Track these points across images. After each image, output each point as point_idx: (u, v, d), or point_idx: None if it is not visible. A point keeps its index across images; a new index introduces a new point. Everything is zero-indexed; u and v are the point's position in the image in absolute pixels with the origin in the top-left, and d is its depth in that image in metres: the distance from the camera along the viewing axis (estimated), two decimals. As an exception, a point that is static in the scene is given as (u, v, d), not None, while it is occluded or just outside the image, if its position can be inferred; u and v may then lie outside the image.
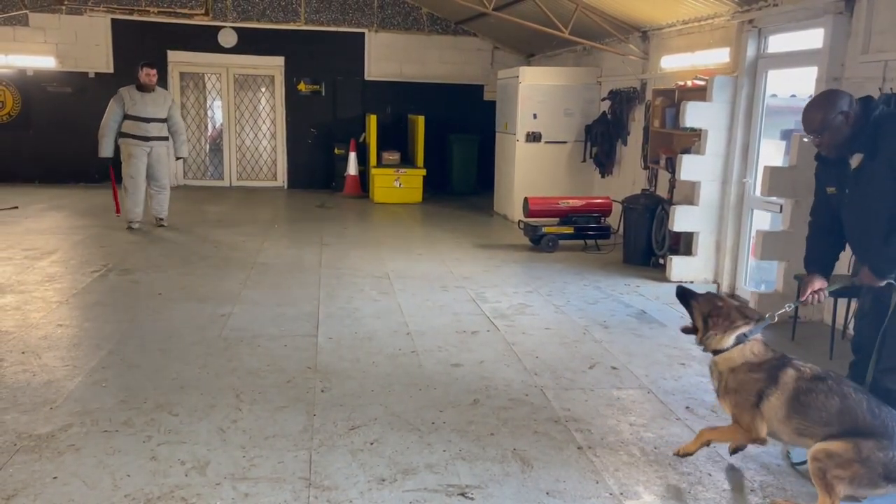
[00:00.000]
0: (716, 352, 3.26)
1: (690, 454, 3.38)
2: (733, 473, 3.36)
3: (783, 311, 3.48)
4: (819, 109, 3.34)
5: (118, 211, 9.14)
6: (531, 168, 10.06)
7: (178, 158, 9.32)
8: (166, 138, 8.86)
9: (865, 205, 3.37)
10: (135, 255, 7.43)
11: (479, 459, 3.39)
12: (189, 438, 3.49)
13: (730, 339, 3.21)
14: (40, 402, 3.83)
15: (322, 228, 9.39)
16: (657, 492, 3.18)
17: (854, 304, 5.03)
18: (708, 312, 3.28)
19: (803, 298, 3.55)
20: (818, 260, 3.61)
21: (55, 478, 3.11)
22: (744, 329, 3.22)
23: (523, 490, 3.14)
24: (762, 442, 3.20)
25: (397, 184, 11.93)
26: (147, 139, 8.64)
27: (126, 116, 8.55)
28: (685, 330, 3.42)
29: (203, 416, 3.75)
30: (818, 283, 3.53)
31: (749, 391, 3.12)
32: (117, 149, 8.62)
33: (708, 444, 3.37)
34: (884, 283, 3.31)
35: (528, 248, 8.44)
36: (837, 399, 2.96)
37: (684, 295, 3.41)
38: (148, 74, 8.63)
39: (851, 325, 5.10)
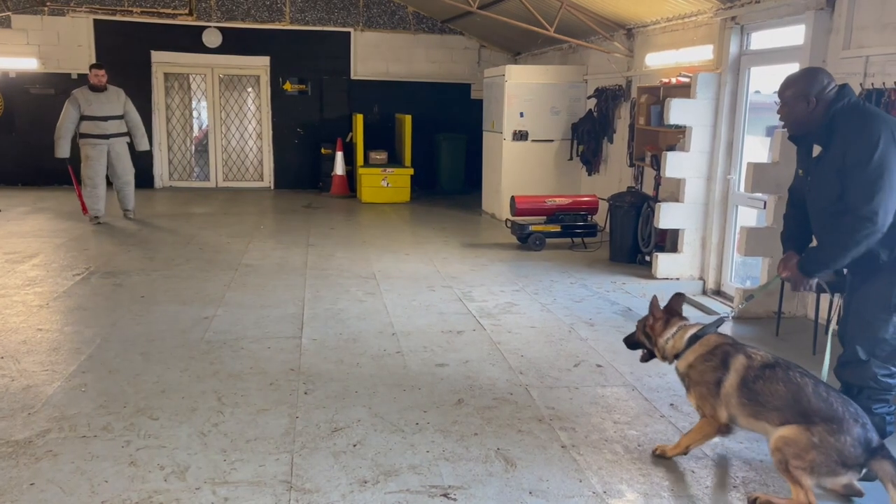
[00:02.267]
0: (676, 356, 3.37)
1: (667, 458, 3.39)
2: (716, 470, 3.36)
3: (740, 307, 3.61)
4: (791, 83, 3.37)
5: (85, 211, 9.27)
6: (518, 167, 10.05)
7: (140, 151, 9.61)
8: (125, 134, 9.25)
9: (817, 196, 3.39)
10: (118, 258, 7.37)
11: (463, 460, 3.37)
12: (169, 443, 3.45)
13: (682, 342, 3.33)
14: (18, 408, 3.78)
15: (308, 229, 9.35)
16: (640, 489, 3.17)
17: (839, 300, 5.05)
18: (643, 328, 3.47)
19: (783, 274, 3.58)
20: (792, 238, 3.62)
21: (32, 484, 3.07)
22: (693, 330, 3.34)
23: (506, 490, 3.13)
24: (726, 428, 3.24)
25: (385, 183, 11.90)
26: (107, 137, 9.05)
27: (83, 117, 8.93)
28: (643, 359, 3.60)
29: (184, 419, 3.71)
30: (794, 260, 3.55)
31: (708, 380, 3.22)
32: (76, 149, 9.04)
33: (686, 451, 3.38)
34: (813, 281, 3.34)
35: (515, 247, 8.43)
36: (783, 385, 3.02)
37: (629, 339, 3.64)
38: (97, 76, 9.01)
39: (836, 320, 5.12)
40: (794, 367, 3.10)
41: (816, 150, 3.38)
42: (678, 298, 3.50)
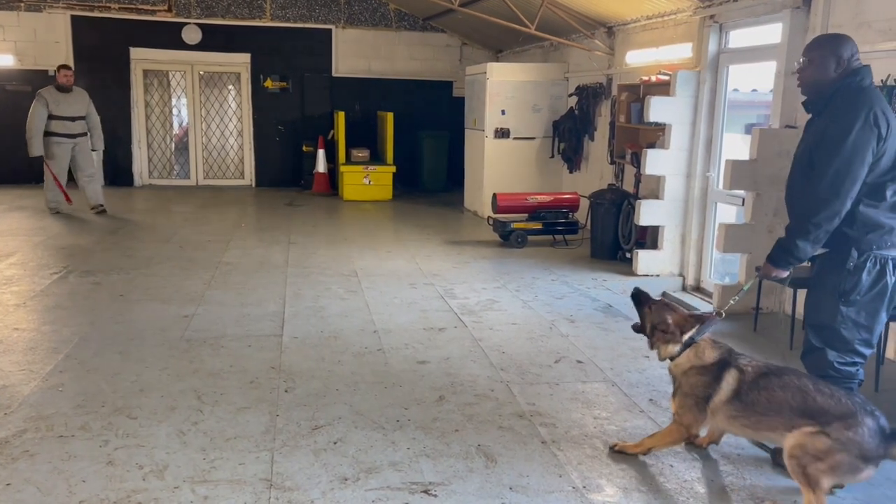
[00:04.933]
0: (669, 359, 3.33)
1: (626, 454, 3.40)
2: (694, 464, 3.39)
3: (729, 304, 3.49)
4: (823, 44, 3.32)
5: (69, 200, 9.60)
6: (500, 164, 10.07)
7: (93, 150, 9.93)
8: (87, 133, 9.62)
9: (797, 169, 3.39)
10: (96, 257, 7.29)
11: (444, 456, 3.38)
12: (147, 442, 3.42)
13: (676, 347, 3.27)
14: (-6, 408, 3.74)
15: (290, 227, 9.30)
16: (619, 484, 3.19)
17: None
18: (654, 324, 3.35)
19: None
20: None
21: (8, 485, 3.03)
22: (690, 333, 3.26)
23: (487, 485, 3.14)
24: (693, 438, 3.32)
25: (367, 181, 11.86)
26: (73, 136, 9.44)
27: (51, 116, 9.23)
28: (635, 328, 3.50)
29: (163, 418, 3.68)
30: None
31: (697, 395, 3.18)
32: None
33: (647, 452, 3.38)
34: (784, 274, 3.28)
35: (497, 244, 8.45)
36: (782, 391, 2.97)
37: (639, 298, 3.48)
38: (65, 76, 9.34)
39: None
40: (788, 372, 3.05)
41: None
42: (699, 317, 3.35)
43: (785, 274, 3.31)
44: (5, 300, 5.68)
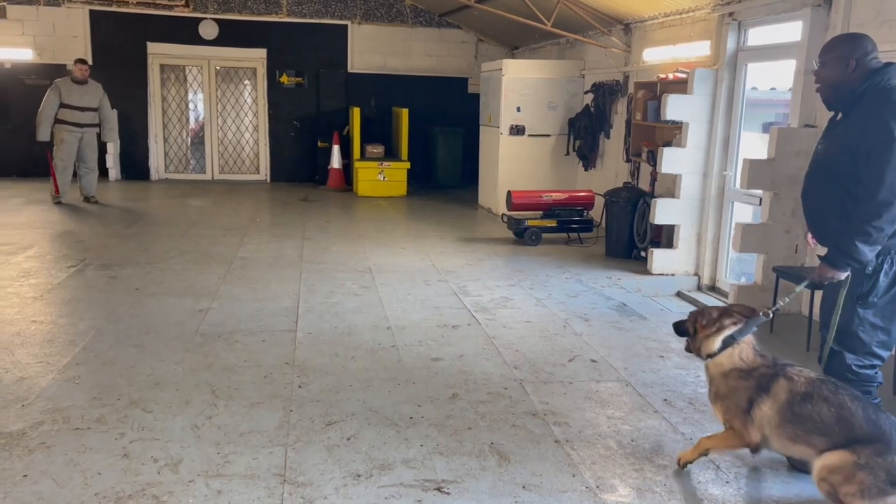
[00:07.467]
0: (709, 356, 3.20)
1: (691, 462, 3.28)
2: (708, 465, 3.36)
3: (777, 307, 3.41)
4: (835, 46, 3.27)
5: (57, 192, 9.88)
6: (515, 161, 10.04)
7: (107, 143, 10.51)
8: (97, 126, 9.99)
9: (821, 168, 3.33)
10: (113, 250, 7.35)
11: (457, 454, 3.38)
12: (162, 435, 3.45)
13: (717, 343, 3.14)
14: (11, 400, 3.77)
15: (304, 222, 9.33)
16: (633, 484, 3.18)
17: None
18: (695, 319, 3.26)
19: (808, 242, 3.55)
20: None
21: (25, 476, 3.06)
22: (730, 330, 3.14)
23: (499, 484, 3.13)
24: (756, 448, 3.09)
25: (381, 177, 11.88)
26: (80, 126, 9.80)
27: (62, 105, 9.65)
28: (677, 327, 3.39)
29: (177, 412, 3.71)
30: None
31: (739, 398, 3.05)
32: (52, 134, 9.72)
33: (706, 453, 3.25)
34: (843, 276, 3.17)
35: (511, 242, 8.43)
36: (833, 409, 2.87)
37: (679, 326, 3.39)
38: (81, 69, 9.79)
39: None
40: (843, 389, 2.93)
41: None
42: (749, 311, 3.28)
43: (843, 275, 3.18)
44: (23, 292, 5.73)
